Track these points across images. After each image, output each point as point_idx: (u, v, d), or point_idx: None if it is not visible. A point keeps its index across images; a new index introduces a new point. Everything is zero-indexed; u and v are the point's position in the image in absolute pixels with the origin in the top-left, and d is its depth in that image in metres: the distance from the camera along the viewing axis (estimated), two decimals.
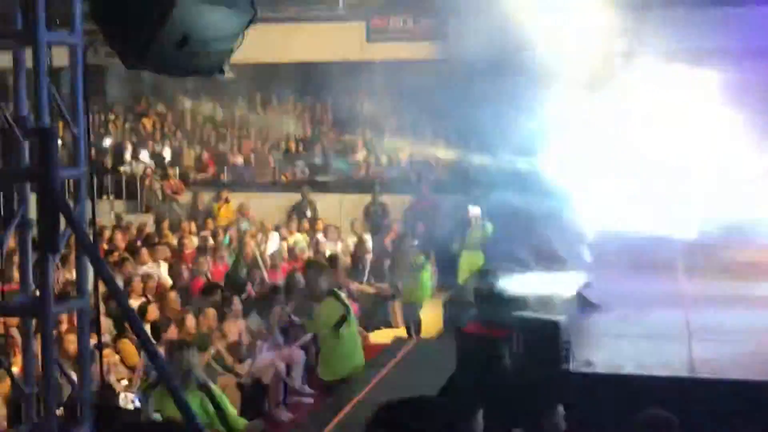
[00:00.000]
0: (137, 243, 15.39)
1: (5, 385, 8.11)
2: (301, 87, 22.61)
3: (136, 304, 11.32)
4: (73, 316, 8.87)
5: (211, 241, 16.09)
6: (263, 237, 16.51)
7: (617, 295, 11.79)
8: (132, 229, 17.09)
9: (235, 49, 5.40)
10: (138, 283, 12.20)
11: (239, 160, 21.41)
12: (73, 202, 5.41)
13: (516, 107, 11.87)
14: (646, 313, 11.01)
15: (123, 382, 9.80)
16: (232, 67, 5.75)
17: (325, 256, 15.48)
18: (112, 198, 21.07)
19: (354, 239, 17.02)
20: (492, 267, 11.34)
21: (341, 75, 19.21)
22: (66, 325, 9.63)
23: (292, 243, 16.33)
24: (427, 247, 16.16)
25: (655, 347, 9.66)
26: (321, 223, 18.07)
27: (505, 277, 10.64)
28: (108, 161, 21.45)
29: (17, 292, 5.53)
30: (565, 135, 12.09)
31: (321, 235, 17.09)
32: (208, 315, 10.74)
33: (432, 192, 19.11)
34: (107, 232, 16.20)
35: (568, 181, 11.96)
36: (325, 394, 10.78)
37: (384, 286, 15.26)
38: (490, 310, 10.24)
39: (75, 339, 8.19)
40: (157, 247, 14.76)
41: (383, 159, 20.77)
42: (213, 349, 10.31)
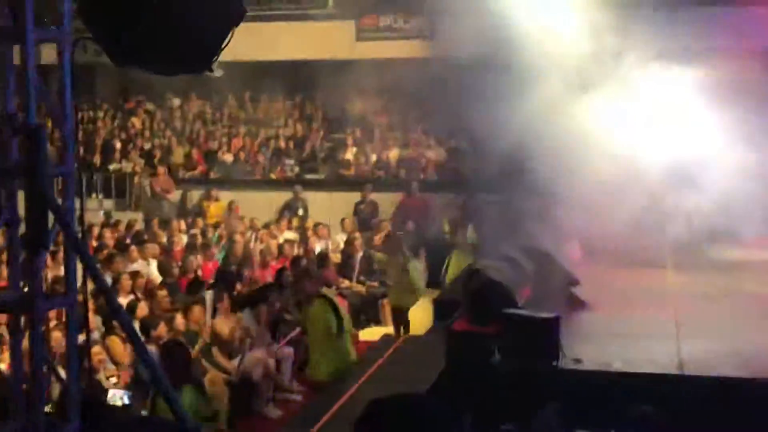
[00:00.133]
0: (126, 241, 15.35)
1: None
2: (291, 85, 22.58)
3: (125, 301, 11.30)
4: (60, 313, 8.87)
5: (201, 239, 16.06)
6: (253, 235, 16.49)
7: (605, 293, 11.84)
8: (121, 227, 17.04)
9: (224, 47, 5.40)
10: (126, 281, 12.18)
11: (228, 158, 21.38)
12: (61, 200, 5.40)
13: (506, 105, 11.88)
14: (634, 311, 11.06)
15: (112, 379, 9.78)
16: (221, 65, 5.75)
17: (315, 254, 15.50)
18: (101, 196, 21.03)
19: (344, 237, 17.03)
20: (481, 264, 11.34)
21: (331, 73, 19.19)
22: (54, 322, 9.60)
23: (282, 241, 16.32)
24: (417, 245, 16.18)
25: (643, 344, 9.70)
26: (311, 221, 18.06)
27: (494, 275, 10.66)
28: (97, 159, 21.40)
29: (6, 289, 5.53)
30: (554, 132, 12.11)
31: (311, 233, 17.08)
32: (194, 312, 10.74)
33: (422, 190, 19.13)
34: (96, 229, 16.15)
35: (556, 178, 11.98)
36: (315, 392, 10.79)
37: (373, 284, 15.29)
38: (479, 308, 10.27)
39: (60, 336, 8.20)
40: (146, 245, 14.72)
41: (373, 157, 20.78)
42: (199, 344, 10.31)
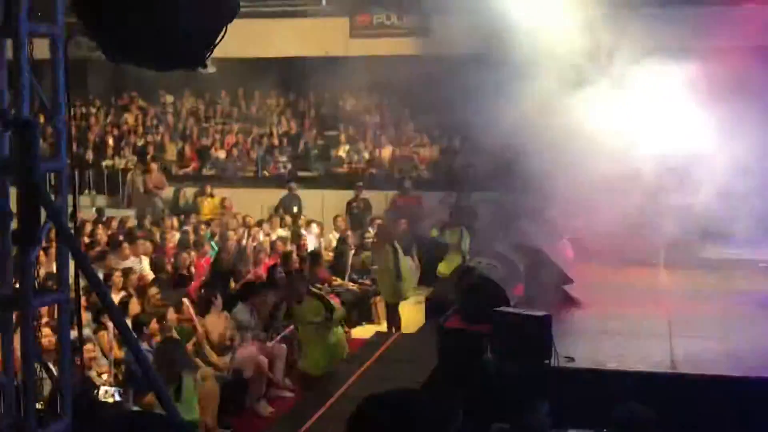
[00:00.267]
0: (119, 237, 15.31)
1: None
2: (284, 82, 22.56)
3: (117, 298, 11.27)
4: (51, 310, 8.85)
5: (193, 236, 16.03)
6: (245, 232, 16.46)
7: (598, 291, 11.86)
8: (113, 223, 17.00)
9: (217, 43, 5.39)
10: (118, 278, 12.15)
11: (221, 155, 21.36)
12: (54, 196, 5.38)
13: (499, 103, 11.89)
14: (627, 309, 11.07)
15: (104, 376, 9.76)
16: (214, 62, 5.75)
17: (307, 251, 15.49)
18: (93, 192, 20.99)
19: (336, 235, 17.02)
20: (474, 262, 11.35)
21: (324, 70, 19.20)
22: (46, 318, 9.58)
23: (274, 238, 16.29)
24: (409, 243, 16.19)
25: (635, 343, 9.72)
26: (303, 218, 18.05)
27: (486, 273, 10.67)
28: (90, 155, 21.35)
29: None
30: (547, 130, 12.12)
31: (303, 231, 17.06)
32: (184, 308, 10.74)
33: (414, 188, 19.14)
34: (88, 226, 16.10)
35: (549, 175, 11.99)
36: (306, 389, 10.79)
37: (366, 282, 15.28)
38: (472, 306, 10.28)
39: (50, 332, 8.18)
40: (138, 242, 14.69)
41: (366, 155, 20.77)
42: (192, 341, 10.30)
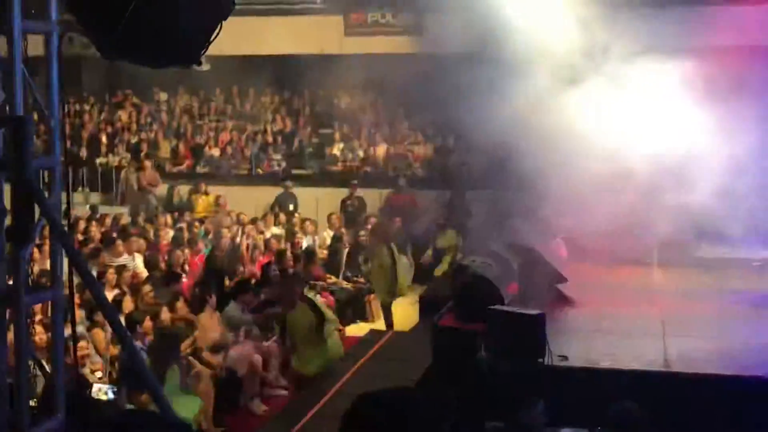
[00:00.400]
0: (112, 234, 15.28)
1: None
2: (279, 80, 22.52)
3: (111, 296, 11.25)
4: (45, 307, 8.83)
5: (187, 234, 16.01)
6: (239, 229, 16.45)
7: (592, 290, 11.87)
8: (107, 221, 16.97)
9: (212, 41, 5.38)
10: (112, 275, 12.13)
11: (215, 153, 21.33)
12: (47, 193, 5.37)
13: (493, 101, 11.89)
14: (621, 308, 11.09)
15: (97, 373, 9.74)
16: (209, 59, 5.74)
17: (302, 249, 15.48)
18: (87, 190, 20.94)
19: (330, 233, 17.02)
20: (468, 261, 11.35)
21: (319, 68, 19.18)
22: (39, 316, 9.55)
23: (268, 236, 16.28)
24: (404, 242, 16.20)
25: (629, 342, 9.73)
26: (298, 216, 18.04)
27: (480, 271, 10.68)
28: (83, 152, 21.30)
29: None
30: (541, 128, 12.13)
31: (298, 229, 17.06)
32: (177, 307, 10.73)
33: (409, 186, 19.13)
34: (82, 223, 16.07)
35: (543, 174, 12.00)
36: (301, 387, 10.79)
37: (360, 280, 15.29)
38: (466, 304, 10.29)
39: (42, 330, 8.17)
40: (132, 239, 14.66)
41: (360, 153, 20.76)
42: (188, 340, 10.28)
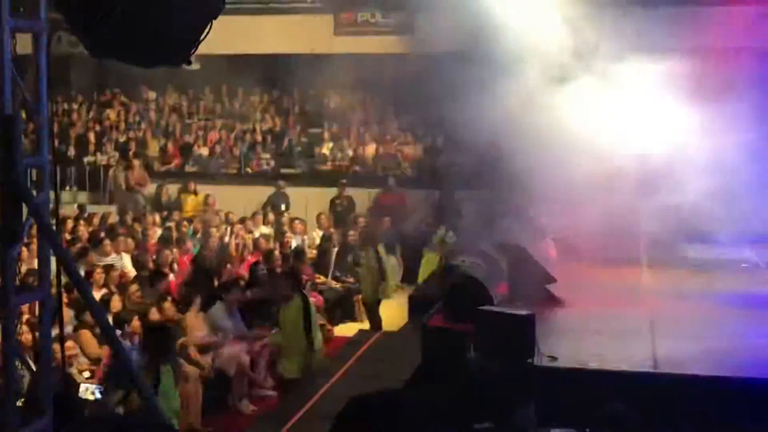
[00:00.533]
0: (100, 234, 15.22)
1: None
2: (268, 79, 22.48)
3: (98, 295, 11.20)
4: (32, 306, 8.79)
5: (176, 233, 15.96)
6: (228, 229, 16.41)
7: (581, 290, 11.88)
8: (95, 220, 16.90)
9: (202, 40, 5.36)
10: (99, 274, 12.08)
11: (204, 152, 21.27)
12: (35, 192, 5.34)
13: (483, 101, 11.91)
14: (610, 309, 11.10)
15: (85, 374, 9.70)
16: (198, 58, 5.72)
17: (291, 249, 15.45)
18: (75, 189, 20.85)
19: (319, 233, 16.99)
20: (457, 261, 11.35)
21: (308, 67, 19.15)
22: (27, 315, 9.51)
23: (257, 235, 16.24)
24: (393, 242, 16.19)
25: (618, 342, 9.74)
26: (287, 216, 18.01)
27: (469, 271, 10.68)
28: (72, 151, 21.21)
29: None
30: (530, 128, 12.15)
31: (286, 228, 17.03)
32: (165, 307, 10.69)
33: (398, 186, 19.13)
34: (70, 222, 16.00)
35: (534, 174, 12.02)
36: (289, 388, 10.76)
37: (349, 279, 15.26)
38: (455, 304, 10.28)
39: (27, 329, 8.12)
40: (120, 238, 14.60)
41: (350, 152, 20.74)
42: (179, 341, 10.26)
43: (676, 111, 12.97)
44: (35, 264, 5.93)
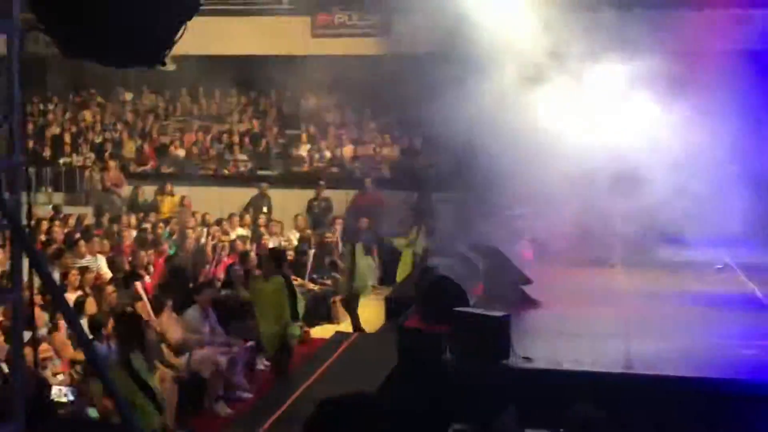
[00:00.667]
0: (76, 235, 15.12)
1: None
2: (245, 80, 22.42)
3: (73, 297, 11.14)
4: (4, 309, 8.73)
5: (152, 234, 15.88)
6: (204, 230, 16.34)
7: (556, 292, 11.95)
8: (70, 221, 16.79)
9: (177, 41, 5.34)
10: (74, 276, 12.00)
11: (181, 153, 21.17)
12: (8, 193, 5.31)
13: (459, 102, 11.95)
14: (584, 310, 11.17)
15: (59, 376, 9.64)
16: (175, 59, 5.71)
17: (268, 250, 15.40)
18: (50, 190, 20.71)
19: (297, 234, 16.97)
20: (433, 262, 11.39)
21: (285, 69, 19.12)
22: (1, 319, 9.45)
23: (234, 237, 16.19)
24: (370, 243, 16.19)
25: (592, 343, 9.80)
26: (263, 217, 17.96)
27: (446, 273, 10.71)
28: (47, 152, 21.07)
29: None
30: (507, 129, 12.20)
31: (263, 230, 16.99)
32: (140, 308, 10.65)
33: (376, 187, 19.13)
34: (45, 223, 15.89)
35: (509, 175, 12.07)
36: (265, 389, 10.76)
37: (326, 281, 15.26)
38: (431, 306, 10.32)
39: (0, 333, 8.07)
40: (95, 240, 14.51)
41: (327, 154, 20.72)
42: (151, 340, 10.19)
43: (649, 112, 13.07)
44: (8, 266, 5.89)
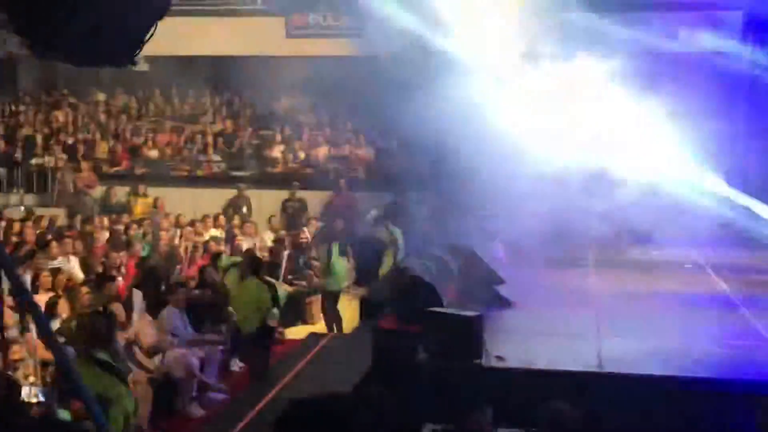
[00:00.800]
0: (47, 237, 15.00)
1: None
2: (219, 81, 22.35)
3: (45, 298, 11.05)
4: None
5: (125, 236, 15.79)
6: (177, 232, 16.27)
7: (529, 292, 12.00)
8: (43, 223, 16.67)
9: (147, 41, 5.31)
10: (46, 278, 11.91)
11: (154, 154, 21.07)
12: None
13: (432, 103, 11.98)
14: (557, 309, 11.23)
15: (31, 378, 9.55)
16: (148, 60, 5.68)
17: (241, 251, 15.36)
18: (22, 191, 20.54)
19: (271, 235, 16.93)
20: (407, 263, 11.41)
21: (260, 69, 19.08)
22: None
23: (207, 238, 16.12)
24: (345, 243, 16.17)
25: (565, 342, 9.86)
26: (238, 218, 17.91)
27: (420, 273, 10.74)
28: (19, 153, 20.89)
29: None
30: (479, 130, 12.26)
31: (237, 231, 16.94)
32: (115, 309, 10.56)
33: (350, 188, 19.12)
34: (17, 225, 15.77)
35: (483, 176, 12.12)
36: (239, 390, 10.72)
37: (301, 282, 15.23)
38: (405, 306, 10.33)
39: None
40: (66, 241, 14.41)
41: (301, 154, 20.69)
42: (122, 342, 10.12)
43: (621, 112, 13.17)
44: None
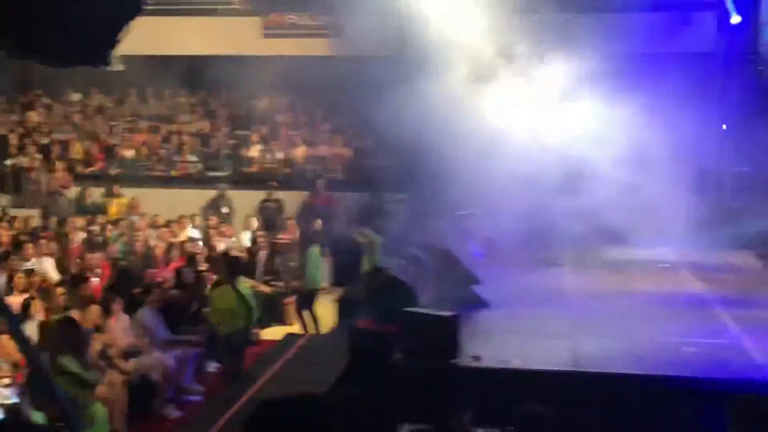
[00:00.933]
0: (21, 237, 14.89)
1: None
2: (195, 80, 22.22)
3: (19, 300, 10.97)
4: None
5: (100, 236, 15.70)
6: (153, 232, 16.19)
7: (505, 291, 12.03)
8: (17, 223, 16.54)
9: (120, 40, 5.28)
10: (20, 279, 11.82)
11: (129, 154, 20.93)
12: None
13: (410, 102, 11.99)
14: (533, 309, 11.26)
15: (5, 380, 9.48)
16: (123, 59, 5.66)
17: (217, 252, 15.31)
18: None
19: (248, 236, 16.88)
20: (384, 263, 11.42)
21: (237, 69, 19.01)
22: None
23: (184, 239, 16.06)
24: (322, 244, 16.15)
25: (541, 342, 9.89)
26: (214, 219, 17.84)
27: (396, 273, 10.75)
28: None
29: None
30: (457, 129, 12.29)
31: (214, 231, 16.87)
32: (91, 312, 10.49)
33: (328, 188, 19.09)
34: None
35: (460, 176, 12.15)
36: (215, 392, 10.69)
37: (278, 283, 15.19)
38: (382, 306, 10.34)
39: None
40: (42, 242, 14.31)
41: (279, 155, 20.63)
42: (98, 346, 10.07)
43: (596, 111, 13.24)
44: None
